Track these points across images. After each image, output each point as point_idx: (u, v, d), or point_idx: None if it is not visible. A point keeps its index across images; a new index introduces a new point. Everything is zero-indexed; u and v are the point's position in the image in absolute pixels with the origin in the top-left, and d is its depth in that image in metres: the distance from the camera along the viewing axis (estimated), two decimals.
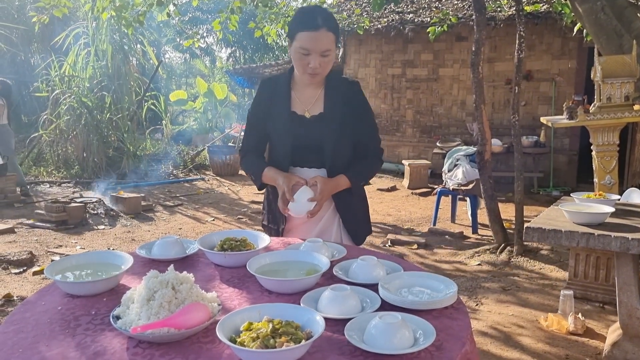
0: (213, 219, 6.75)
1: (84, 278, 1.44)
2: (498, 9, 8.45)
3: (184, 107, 15.68)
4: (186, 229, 6.21)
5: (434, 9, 9.58)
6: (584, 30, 5.06)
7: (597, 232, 2.44)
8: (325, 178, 1.92)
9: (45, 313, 1.25)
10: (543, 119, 4.90)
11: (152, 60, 12.24)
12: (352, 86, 2.03)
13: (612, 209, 2.57)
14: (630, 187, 3.63)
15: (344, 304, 1.21)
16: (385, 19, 9.78)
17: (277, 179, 1.92)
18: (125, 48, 10.33)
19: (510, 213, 6.02)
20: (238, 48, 24.50)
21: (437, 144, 8.60)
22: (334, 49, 1.89)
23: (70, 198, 6.83)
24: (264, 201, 2.21)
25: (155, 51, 15.44)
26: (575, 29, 6.03)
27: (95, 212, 6.62)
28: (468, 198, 6.07)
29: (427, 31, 7.38)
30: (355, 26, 9.27)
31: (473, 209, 5.98)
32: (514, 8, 6.11)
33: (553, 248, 5.02)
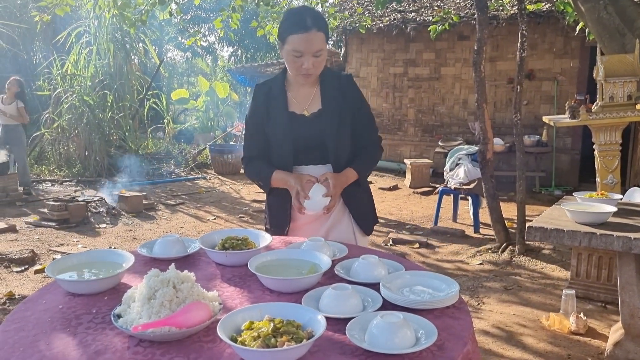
0: (214, 218, 6.75)
1: (86, 277, 1.44)
2: (500, 8, 8.42)
3: (186, 106, 15.69)
4: (187, 228, 6.22)
5: (436, 8, 9.56)
6: (587, 29, 5.05)
7: (600, 232, 2.43)
8: (334, 173, 1.94)
9: (46, 311, 1.25)
10: (545, 118, 4.89)
11: (154, 58, 12.27)
12: (346, 79, 2.04)
13: (615, 209, 2.57)
14: (632, 187, 3.62)
15: (346, 303, 1.20)
16: (387, 18, 9.77)
17: (288, 180, 1.92)
18: (127, 46, 10.33)
19: (512, 212, 6.02)
20: (240, 47, 24.50)
21: (439, 143, 8.59)
22: (325, 48, 1.91)
23: (72, 196, 6.84)
24: (266, 205, 2.20)
25: (157, 50, 15.46)
26: (577, 28, 6.01)
27: (96, 211, 6.63)
28: (470, 197, 6.07)
29: (429, 29, 7.37)
30: (357, 25, 9.27)
31: (475, 208, 5.97)
32: (516, 7, 6.10)
33: (555, 247, 5.02)
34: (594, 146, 3.97)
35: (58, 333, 1.13)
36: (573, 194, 3.08)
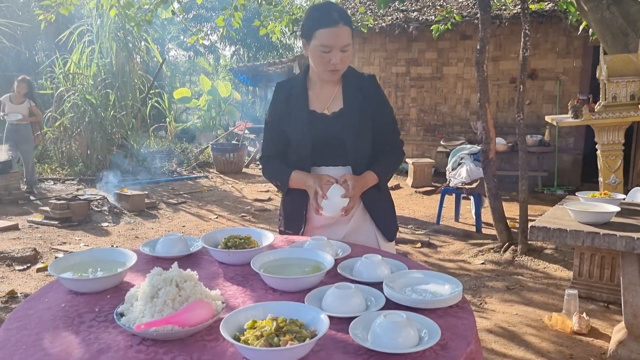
0: (216, 217, 6.76)
1: (88, 275, 1.44)
2: (503, 7, 8.41)
3: (188, 105, 15.71)
4: (189, 227, 6.22)
5: (439, 7, 9.55)
6: (589, 28, 5.04)
7: (603, 232, 2.43)
8: (354, 175, 1.89)
9: (48, 310, 1.25)
10: (548, 118, 4.88)
11: (156, 57, 12.26)
12: (369, 80, 2.01)
13: (618, 209, 2.56)
14: (635, 187, 3.61)
15: (349, 303, 1.20)
16: (389, 17, 9.76)
17: (307, 181, 1.88)
18: (129, 45, 10.33)
19: (514, 212, 6.01)
20: (242, 46, 24.54)
21: (441, 143, 8.58)
22: (351, 43, 1.87)
23: (74, 195, 6.85)
24: (280, 207, 2.15)
25: (159, 49, 15.44)
26: (580, 28, 6.00)
27: (99, 210, 6.63)
28: (472, 197, 6.06)
29: (431, 29, 7.36)
30: (359, 24, 9.25)
31: (477, 208, 5.97)
32: (519, 6, 6.09)
33: (557, 247, 5.01)
34: (597, 146, 3.96)
35: (61, 331, 1.13)
36: (576, 194, 3.08)
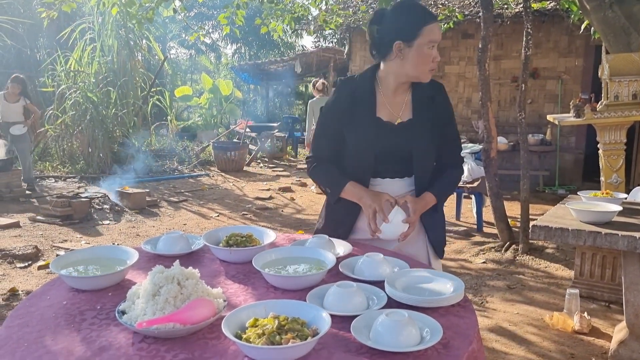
0: (217, 215, 6.76)
1: (89, 273, 1.44)
2: (505, 6, 8.39)
3: (189, 103, 15.70)
4: (191, 225, 6.22)
5: (440, 6, 9.53)
6: (592, 28, 5.03)
7: (604, 231, 2.43)
8: (414, 197, 1.79)
9: (50, 307, 1.25)
10: (549, 117, 4.88)
11: (158, 55, 12.25)
12: (439, 89, 1.88)
13: (619, 208, 2.56)
14: (637, 186, 3.61)
15: (350, 301, 1.20)
16: None
17: (363, 197, 1.75)
18: (130, 43, 10.33)
19: (515, 211, 6.01)
20: (243, 44, 24.52)
21: None
22: None
23: (75, 193, 6.86)
24: (323, 209, 2.03)
25: (160, 47, 15.45)
26: (582, 27, 5.99)
27: (100, 207, 6.64)
28: (473, 196, 6.05)
29: None
30: (360, 23, 9.25)
31: (478, 207, 5.96)
32: (521, 5, 6.08)
33: (559, 246, 5.00)
34: (599, 145, 3.96)
35: (62, 329, 1.13)
36: (578, 193, 3.07)
